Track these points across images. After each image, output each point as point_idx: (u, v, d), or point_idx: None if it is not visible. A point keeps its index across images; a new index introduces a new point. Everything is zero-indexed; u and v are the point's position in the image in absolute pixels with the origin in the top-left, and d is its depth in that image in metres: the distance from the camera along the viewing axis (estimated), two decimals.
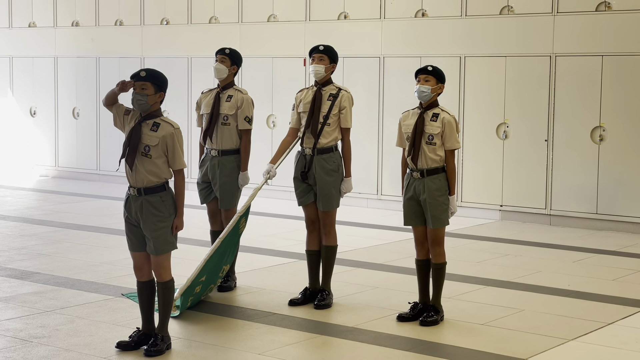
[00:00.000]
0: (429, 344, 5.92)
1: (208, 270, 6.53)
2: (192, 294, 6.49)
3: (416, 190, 6.34)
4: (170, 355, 5.62)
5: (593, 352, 5.81)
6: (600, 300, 7.10)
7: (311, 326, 6.31)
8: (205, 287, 6.64)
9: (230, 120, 7.12)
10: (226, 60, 7.17)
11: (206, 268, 6.50)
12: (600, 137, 10.22)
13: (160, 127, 5.58)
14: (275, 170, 6.78)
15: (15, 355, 5.56)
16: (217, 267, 6.65)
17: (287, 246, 8.95)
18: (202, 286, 6.56)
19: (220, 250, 6.58)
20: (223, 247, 6.60)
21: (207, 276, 6.55)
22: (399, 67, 11.39)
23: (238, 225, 6.67)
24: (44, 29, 14.75)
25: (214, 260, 6.56)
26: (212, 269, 6.59)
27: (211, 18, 13.04)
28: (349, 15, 11.89)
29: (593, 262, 8.59)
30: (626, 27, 10.06)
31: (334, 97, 6.74)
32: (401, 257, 8.53)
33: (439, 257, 6.38)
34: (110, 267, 8.01)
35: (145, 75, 5.57)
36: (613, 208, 10.17)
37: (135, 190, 5.59)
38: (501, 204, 10.87)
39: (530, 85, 10.61)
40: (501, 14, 10.81)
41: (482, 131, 10.93)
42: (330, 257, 6.86)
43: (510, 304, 6.93)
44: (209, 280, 6.64)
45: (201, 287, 6.55)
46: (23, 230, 9.87)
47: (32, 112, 14.93)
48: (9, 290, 7.18)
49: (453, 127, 6.30)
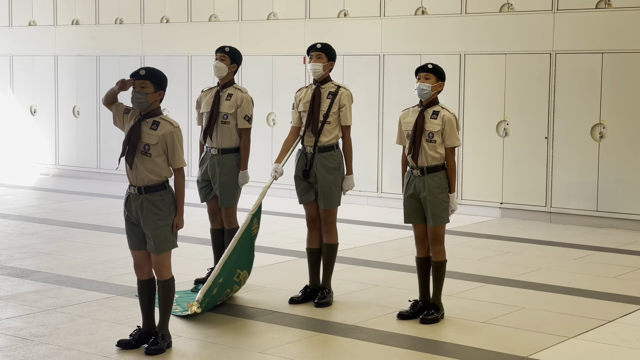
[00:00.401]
0: (429, 342, 5.92)
1: (225, 273, 6.52)
2: (210, 296, 6.47)
3: (416, 188, 6.34)
4: (171, 353, 5.63)
5: (593, 349, 5.81)
6: (600, 297, 7.10)
7: (311, 324, 6.31)
8: (222, 291, 6.59)
9: (230, 119, 7.12)
10: (226, 58, 7.17)
11: (224, 270, 6.48)
12: (601, 135, 10.22)
13: (160, 125, 5.58)
14: (282, 169, 6.78)
15: (16, 354, 5.56)
16: (232, 270, 6.63)
17: (287, 244, 8.95)
18: (219, 289, 6.53)
19: (236, 252, 6.56)
20: (238, 249, 6.58)
21: (223, 278, 6.53)
22: (399, 65, 11.38)
23: (251, 227, 6.66)
24: (44, 27, 14.75)
25: (230, 262, 6.54)
26: (228, 272, 6.57)
27: (211, 16, 13.04)
28: (348, 13, 11.89)
29: (593, 259, 8.59)
30: (626, 24, 10.06)
31: (333, 95, 6.74)
32: (401, 255, 8.54)
33: (439, 255, 6.38)
34: (110, 266, 8.02)
35: (145, 74, 5.57)
36: (613, 205, 10.17)
37: (136, 188, 5.59)
38: (501, 202, 10.87)
39: (530, 82, 10.61)
40: (501, 12, 10.81)
41: (482, 129, 10.93)
42: (331, 255, 6.87)
43: (510, 301, 6.94)
44: (225, 284, 6.60)
45: (217, 289, 6.52)
46: (24, 229, 9.88)
47: (33, 111, 14.93)
48: (10, 288, 7.18)
49: (453, 125, 6.30)
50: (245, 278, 6.83)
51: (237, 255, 6.60)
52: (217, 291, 6.53)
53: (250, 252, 6.79)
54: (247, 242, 6.70)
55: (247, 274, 6.82)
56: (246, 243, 6.69)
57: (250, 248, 6.76)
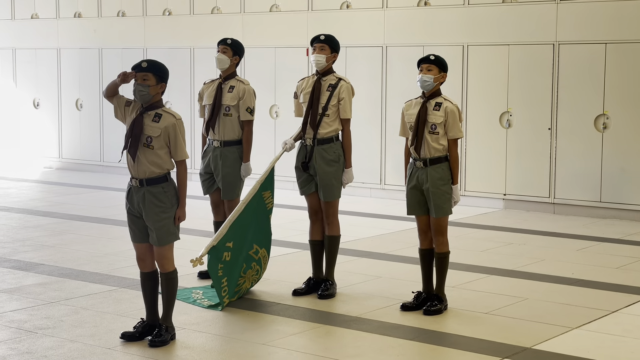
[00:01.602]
0: (432, 333, 5.92)
1: (236, 237, 6.45)
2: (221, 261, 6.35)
3: (419, 179, 6.33)
4: (175, 345, 5.64)
5: (597, 340, 5.81)
6: (603, 288, 7.10)
7: (315, 316, 6.31)
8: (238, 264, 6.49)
9: (232, 111, 7.11)
10: (228, 50, 7.17)
11: (234, 235, 6.42)
12: (604, 125, 10.20)
13: (162, 118, 5.58)
14: (292, 141, 6.78)
15: (20, 346, 5.58)
16: (246, 240, 6.58)
17: (290, 236, 8.95)
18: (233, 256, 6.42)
19: (246, 217, 6.50)
20: (249, 215, 6.52)
21: (234, 244, 6.46)
22: (402, 57, 11.36)
23: (263, 200, 6.63)
24: (47, 20, 14.74)
25: (240, 228, 6.47)
26: (240, 240, 6.52)
27: (213, 8, 13.02)
28: (351, 4, 11.87)
29: (597, 250, 8.59)
30: (630, 14, 10.03)
31: (332, 88, 6.73)
32: (404, 246, 8.54)
33: (442, 247, 6.38)
34: (114, 258, 8.03)
35: (147, 66, 5.57)
36: (617, 196, 10.16)
37: (137, 181, 5.59)
38: (504, 193, 10.86)
39: (534, 73, 10.58)
40: (504, 2, 10.78)
41: (485, 120, 10.91)
42: (334, 247, 6.87)
43: (513, 292, 6.94)
44: (239, 254, 6.51)
45: (231, 255, 6.41)
46: (27, 222, 9.89)
47: (36, 104, 14.94)
48: (14, 281, 7.20)
49: (456, 116, 6.29)
50: (266, 259, 6.80)
51: (249, 223, 6.54)
52: (232, 260, 6.43)
53: (268, 229, 6.78)
54: (264, 218, 6.70)
55: (267, 253, 6.81)
56: (263, 219, 6.68)
57: (267, 224, 6.75)
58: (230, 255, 6.46)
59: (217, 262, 6.38)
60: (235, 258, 6.53)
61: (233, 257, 6.50)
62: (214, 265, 6.37)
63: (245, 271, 6.66)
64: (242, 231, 6.56)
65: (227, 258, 6.45)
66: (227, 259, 6.45)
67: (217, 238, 6.38)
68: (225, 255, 6.44)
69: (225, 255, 6.44)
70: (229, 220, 6.47)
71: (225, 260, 6.44)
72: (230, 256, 6.47)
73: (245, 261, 6.64)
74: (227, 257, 6.46)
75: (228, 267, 6.47)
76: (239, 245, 6.53)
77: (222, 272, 6.43)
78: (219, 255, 6.39)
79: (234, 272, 6.53)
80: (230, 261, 6.47)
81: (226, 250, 6.44)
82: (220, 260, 6.41)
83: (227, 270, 6.47)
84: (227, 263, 6.46)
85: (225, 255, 6.44)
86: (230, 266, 6.49)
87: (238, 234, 6.51)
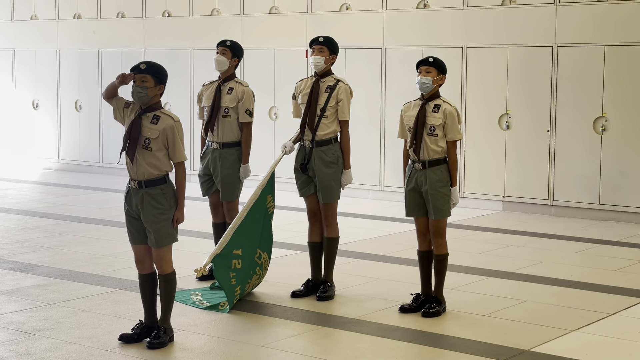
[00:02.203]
0: (431, 335, 5.92)
1: (244, 244, 6.43)
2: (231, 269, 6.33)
3: (418, 181, 6.34)
4: (173, 347, 5.63)
5: (595, 342, 5.81)
6: (602, 290, 7.10)
7: (314, 318, 6.31)
8: (247, 270, 6.50)
9: (231, 113, 7.12)
10: (227, 52, 7.17)
11: (240, 241, 6.40)
12: (603, 128, 10.20)
13: (161, 119, 5.58)
14: (291, 144, 6.78)
15: (19, 348, 5.57)
16: (252, 245, 6.56)
17: (289, 238, 8.95)
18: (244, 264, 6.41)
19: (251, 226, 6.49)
20: (254, 220, 6.51)
21: (243, 250, 6.44)
22: (401, 59, 11.37)
23: (265, 204, 6.64)
24: (46, 21, 14.74)
25: (244, 235, 6.45)
26: (248, 246, 6.50)
27: (213, 10, 13.03)
28: (350, 6, 11.87)
29: (595, 252, 8.59)
30: (628, 17, 10.03)
31: (331, 89, 6.73)
32: (403, 248, 8.54)
33: (441, 249, 6.38)
34: (112, 260, 8.02)
35: (145, 68, 5.57)
36: (615, 198, 10.16)
37: (136, 182, 5.59)
38: (503, 195, 10.87)
39: (533, 75, 10.59)
40: (503, 5, 10.78)
41: (484, 122, 10.91)
42: (332, 248, 6.86)
43: (512, 294, 6.94)
44: (248, 259, 6.51)
45: (242, 263, 6.41)
46: (26, 223, 9.89)
47: (35, 105, 14.94)
48: (12, 283, 7.19)
49: (455, 118, 6.29)
50: (267, 263, 6.79)
51: (252, 229, 6.53)
52: (243, 267, 6.41)
53: (269, 233, 6.77)
54: (266, 222, 6.69)
55: (268, 257, 6.80)
56: (265, 223, 6.67)
57: (268, 228, 6.74)
58: (241, 262, 6.45)
59: (227, 270, 6.36)
60: (247, 265, 6.54)
61: (244, 264, 6.49)
62: (224, 274, 6.36)
63: (252, 277, 6.68)
64: (249, 237, 6.55)
65: (238, 266, 6.43)
66: (239, 267, 6.44)
67: (221, 246, 6.37)
68: (235, 263, 6.41)
69: (235, 263, 6.41)
70: (232, 227, 6.45)
71: (236, 269, 6.42)
72: (241, 264, 6.46)
73: (252, 267, 6.65)
74: (238, 265, 6.43)
75: (240, 275, 6.47)
76: (248, 252, 6.53)
77: (235, 281, 6.41)
78: (228, 263, 6.37)
79: (245, 279, 6.55)
80: (242, 269, 6.47)
81: (235, 257, 6.42)
82: (231, 269, 6.39)
83: (240, 278, 6.47)
84: (239, 271, 6.45)
85: (235, 263, 6.41)
86: (242, 274, 6.49)
87: (246, 240, 6.50)
